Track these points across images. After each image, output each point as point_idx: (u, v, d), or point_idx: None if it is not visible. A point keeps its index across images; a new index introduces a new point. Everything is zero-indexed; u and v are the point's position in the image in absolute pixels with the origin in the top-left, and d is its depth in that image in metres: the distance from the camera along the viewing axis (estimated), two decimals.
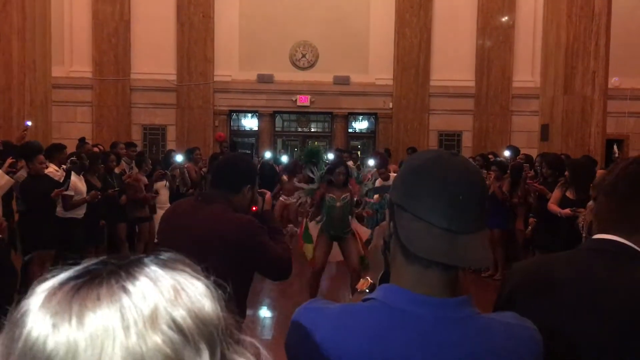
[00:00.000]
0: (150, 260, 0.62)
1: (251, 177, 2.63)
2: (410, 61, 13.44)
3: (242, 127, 14.86)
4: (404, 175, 1.05)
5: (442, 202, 0.97)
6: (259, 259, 2.47)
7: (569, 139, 9.04)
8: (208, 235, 2.38)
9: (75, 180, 6.30)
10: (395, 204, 1.04)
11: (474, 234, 0.99)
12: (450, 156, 1.05)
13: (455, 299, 1.01)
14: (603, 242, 1.34)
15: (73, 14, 13.15)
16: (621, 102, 12.41)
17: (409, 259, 1.01)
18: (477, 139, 13.53)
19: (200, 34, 13.31)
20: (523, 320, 1.06)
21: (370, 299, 1.03)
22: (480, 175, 1.06)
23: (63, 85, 12.49)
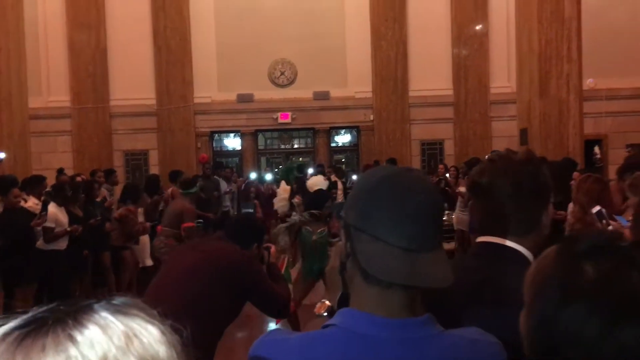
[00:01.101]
0: (101, 306, 0.59)
1: (260, 237, 2.96)
2: (388, 73, 13.55)
3: (224, 147, 14.84)
4: (358, 194, 1.03)
5: (401, 221, 0.95)
6: (254, 289, 2.62)
7: (548, 142, 9.12)
8: (207, 259, 2.59)
9: (56, 212, 6.23)
10: (351, 225, 1.01)
11: (434, 251, 0.97)
12: (405, 173, 1.03)
13: (417, 319, 0.99)
14: (490, 247, 1.35)
15: (49, 44, 13.10)
16: (598, 102, 12.58)
17: (368, 280, 0.98)
18: (458, 146, 13.63)
19: (177, 57, 13.32)
20: (486, 335, 1.04)
21: (330, 325, 1.00)
22: (436, 192, 1.05)
23: (42, 116, 12.41)
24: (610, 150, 13.27)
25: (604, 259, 0.76)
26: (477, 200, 1.40)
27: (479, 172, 1.37)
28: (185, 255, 2.72)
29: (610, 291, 0.72)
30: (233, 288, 2.52)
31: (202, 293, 2.45)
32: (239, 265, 2.57)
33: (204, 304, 2.44)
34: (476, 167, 1.41)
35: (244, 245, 2.73)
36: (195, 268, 2.54)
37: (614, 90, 13.09)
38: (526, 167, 1.35)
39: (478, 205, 1.39)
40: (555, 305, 0.75)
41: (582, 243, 0.79)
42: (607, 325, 0.70)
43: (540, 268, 0.84)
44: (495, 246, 1.34)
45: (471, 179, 1.41)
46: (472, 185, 1.40)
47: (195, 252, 2.68)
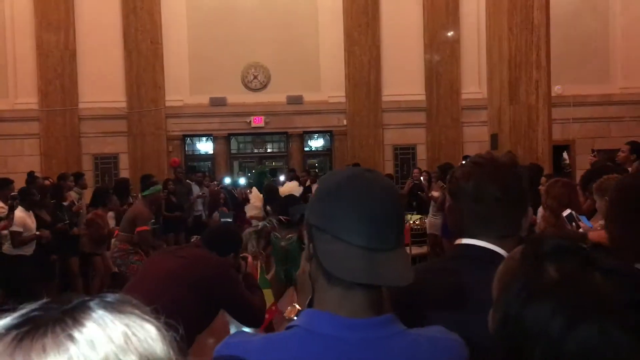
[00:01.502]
0: (96, 303, 0.58)
1: (237, 246, 2.99)
2: (361, 78, 13.62)
3: (197, 151, 14.70)
4: (319, 195, 1.04)
5: (360, 220, 0.97)
6: (228, 297, 2.64)
7: (518, 147, 9.27)
8: (184, 265, 2.59)
9: (24, 216, 6.09)
10: (312, 225, 1.02)
11: (393, 251, 0.98)
12: (365, 173, 1.04)
13: (379, 318, 1.00)
14: (471, 249, 1.36)
15: (16, 45, 12.81)
16: (565, 108, 12.86)
17: (330, 281, 0.99)
18: (431, 151, 13.77)
19: (148, 61, 13.15)
20: (448, 333, 1.05)
21: (293, 326, 1.00)
22: (396, 192, 1.06)
23: (8, 119, 12.14)
24: (577, 156, 13.55)
25: (567, 260, 0.79)
26: (458, 203, 1.39)
27: (464, 175, 1.37)
28: (161, 261, 2.71)
29: (572, 291, 0.75)
30: (207, 296, 2.53)
31: (175, 299, 2.43)
32: (214, 273, 2.58)
33: (176, 310, 2.39)
34: (458, 170, 1.41)
35: (221, 253, 2.75)
36: (170, 274, 2.53)
37: (581, 97, 13.41)
38: (512, 171, 1.38)
39: (459, 208, 1.38)
40: (520, 304, 0.77)
41: (545, 244, 0.82)
42: (570, 323, 0.73)
43: (507, 268, 0.88)
44: (476, 248, 1.35)
45: (454, 181, 1.41)
46: (455, 188, 1.40)
47: (172, 258, 2.67)
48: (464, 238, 1.39)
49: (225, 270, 2.69)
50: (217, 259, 2.69)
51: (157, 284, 2.51)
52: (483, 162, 1.39)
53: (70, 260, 7.12)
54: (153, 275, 2.58)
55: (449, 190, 1.45)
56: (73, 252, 7.12)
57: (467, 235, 1.38)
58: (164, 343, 0.59)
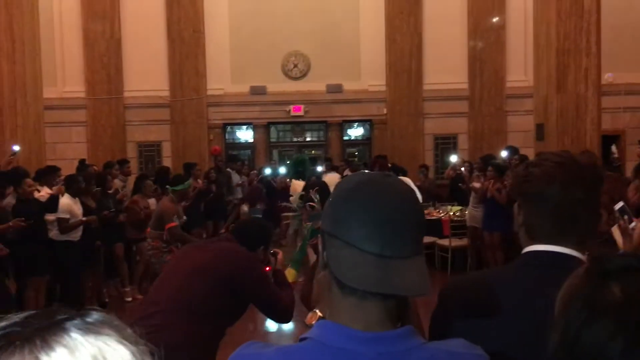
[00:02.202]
0: (73, 324, 0.57)
1: (266, 240, 2.95)
2: (402, 66, 13.43)
3: (237, 139, 14.83)
4: (333, 200, 1.00)
5: (373, 226, 0.92)
6: (256, 291, 2.61)
7: (565, 138, 8.98)
8: (213, 259, 2.58)
9: (70, 203, 6.25)
10: (325, 231, 0.98)
11: (410, 259, 0.93)
12: (381, 178, 1.00)
13: (396, 331, 0.95)
14: (543, 255, 1.29)
15: (64, 34, 13.15)
16: (616, 97, 12.38)
17: (343, 290, 0.95)
18: (473, 141, 13.50)
19: (191, 49, 13.30)
20: (472, 347, 1.00)
21: (306, 338, 0.97)
22: (414, 197, 1.00)
23: (57, 106, 12.46)
24: (628, 147, 13.06)
25: (632, 279, 0.76)
26: (534, 206, 1.31)
27: (546, 176, 1.28)
28: (190, 255, 2.71)
29: (634, 312, 0.72)
30: (235, 290, 2.53)
31: (205, 293, 2.46)
32: (242, 268, 2.58)
33: (205, 304, 2.45)
34: (536, 170, 1.30)
35: (250, 246, 2.75)
36: (199, 268, 2.54)
37: (632, 85, 12.87)
38: (594, 172, 1.32)
39: (534, 210, 1.30)
40: (580, 324, 0.74)
41: (612, 263, 0.79)
42: (630, 345, 0.70)
43: (570, 286, 0.83)
44: (558, 256, 1.27)
45: (532, 182, 1.31)
46: (533, 190, 1.30)
47: (201, 252, 2.68)
48: (539, 244, 1.30)
49: (253, 265, 2.67)
50: (245, 254, 2.68)
51: (185, 278, 2.52)
52: (566, 163, 1.30)
53: (115, 246, 7.30)
54: (181, 270, 2.59)
55: (521, 191, 1.34)
56: (118, 239, 7.30)
57: (543, 240, 1.30)
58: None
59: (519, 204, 1.36)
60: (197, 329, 2.43)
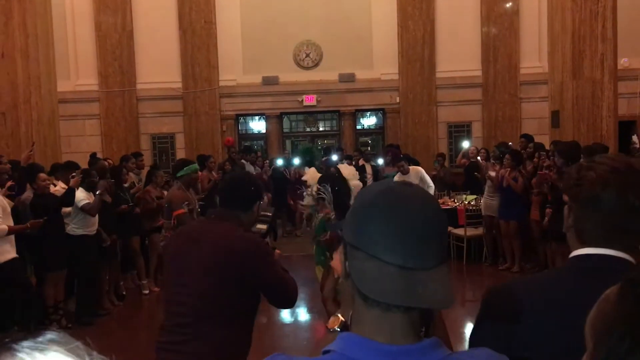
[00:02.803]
0: (22, 345, 0.59)
1: (260, 194, 2.75)
2: (415, 54, 13.32)
3: (249, 130, 14.83)
4: (354, 211, 0.98)
5: (395, 238, 0.91)
6: (265, 278, 2.46)
7: (581, 125, 8.88)
8: (216, 251, 2.41)
9: (84, 197, 6.29)
10: (347, 242, 0.97)
11: (433, 270, 0.91)
12: (402, 187, 0.98)
13: (420, 345, 0.94)
14: (594, 258, 1.26)
15: (76, 28, 13.19)
16: (632, 82, 12.21)
17: (367, 302, 0.94)
18: (487, 128, 13.39)
19: (202, 40, 13.29)
20: (497, 357, 0.99)
21: (330, 350, 0.96)
22: (436, 205, 0.99)
23: (71, 100, 12.54)
24: None
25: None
26: (586, 210, 1.28)
27: (602, 181, 1.25)
28: (188, 251, 2.47)
29: None
30: (249, 282, 2.43)
31: (222, 292, 2.37)
32: (251, 260, 2.41)
33: (227, 299, 2.38)
34: (589, 174, 1.27)
35: (245, 208, 2.58)
36: (207, 269, 2.38)
37: None
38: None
39: (588, 215, 1.27)
40: (623, 353, 0.70)
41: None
42: None
43: (603, 312, 0.78)
44: (608, 259, 1.25)
45: (585, 187, 1.28)
46: (587, 195, 1.28)
47: (199, 248, 2.44)
48: (590, 247, 1.28)
49: (260, 252, 2.48)
50: (248, 240, 2.48)
51: (196, 282, 2.39)
52: (622, 169, 1.28)
53: (132, 239, 7.36)
54: (189, 272, 2.42)
55: (572, 194, 1.31)
56: (134, 232, 7.35)
57: (593, 243, 1.28)
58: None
59: (569, 206, 1.34)
60: (227, 332, 2.38)
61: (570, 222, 1.33)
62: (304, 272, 8.59)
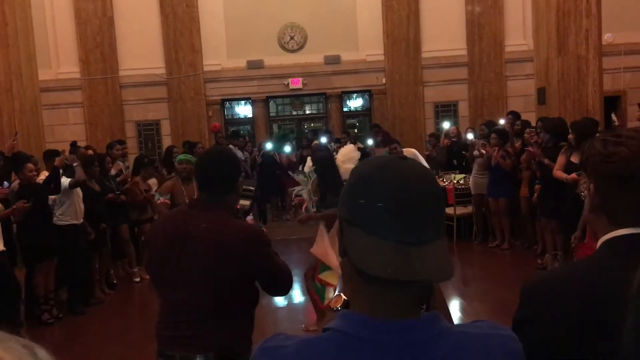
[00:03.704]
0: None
1: (239, 169, 2.60)
2: (400, 34, 13.26)
3: (236, 115, 14.73)
4: (350, 187, 0.96)
5: (391, 213, 0.88)
6: (264, 268, 2.40)
7: (567, 101, 8.92)
8: (215, 247, 2.30)
9: (66, 181, 6.20)
10: (343, 219, 0.95)
11: (431, 244, 0.90)
12: (397, 161, 0.95)
13: (419, 320, 0.93)
14: (634, 239, 1.17)
15: (55, 15, 12.94)
16: (616, 58, 12.26)
17: (364, 279, 0.92)
18: (473, 107, 13.42)
19: (185, 25, 13.11)
20: (499, 328, 0.99)
21: (330, 329, 0.94)
22: (433, 179, 0.96)
23: (53, 88, 12.34)
24: (629, 107, 12.98)
25: None
26: (620, 189, 1.21)
27: (636, 158, 1.19)
28: (182, 248, 2.35)
29: None
30: (249, 272, 2.38)
31: (225, 287, 2.32)
32: (251, 251, 2.34)
33: (230, 293, 2.34)
34: (622, 150, 1.20)
35: (228, 188, 2.44)
36: (207, 267, 2.31)
37: (632, 45, 12.74)
38: None
39: (622, 194, 1.20)
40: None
41: None
42: None
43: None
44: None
45: (621, 166, 1.20)
46: (622, 173, 1.20)
47: (195, 244, 2.32)
48: (626, 228, 1.21)
49: (259, 242, 2.39)
50: (247, 230, 2.40)
51: (198, 281, 2.32)
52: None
53: (120, 227, 7.31)
54: (187, 269, 2.34)
55: (601, 171, 1.22)
56: (123, 220, 7.30)
57: (630, 223, 1.20)
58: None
59: (596, 186, 1.25)
60: (233, 323, 2.38)
61: (597, 201, 1.24)
62: (295, 255, 8.62)
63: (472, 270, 7.65)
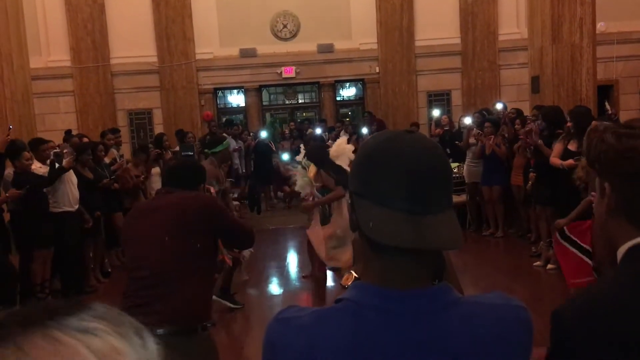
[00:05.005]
0: (64, 324, 0.51)
1: (204, 176, 3.01)
2: (393, 23, 13.21)
3: (228, 104, 14.64)
4: (359, 160, 0.98)
5: (401, 183, 0.90)
6: (223, 224, 2.72)
7: (560, 89, 8.93)
8: (172, 211, 2.62)
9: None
10: (354, 192, 0.97)
11: (440, 214, 0.91)
12: (405, 134, 0.97)
13: (431, 289, 0.95)
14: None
15: (45, 2, 12.75)
16: (609, 47, 12.28)
17: (375, 250, 0.94)
18: (466, 96, 13.42)
19: (177, 12, 12.98)
20: (509, 299, 1.00)
21: (342, 299, 0.97)
22: (440, 151, 0.98)
23: (43, 76, 12.19)
24: (621, 96, 13.05)
25: None
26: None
27: None
28: (145, 221, 2.68)
29: None
30: (208, 230, 2.65)
31: (183, 248, 2.56)
32: (205, 209, 2.66)
33: (188, 255, 2.57)
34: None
35: (191, 188, 2.81)
36: (166, 229, 2.56)
37: (625, 34, 12.77)
38: None
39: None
40: None
41: None
42: None
43: None
44: None
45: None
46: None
47: (159, 214, 2.64)
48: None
49: (211, 202, 2.81)
50: (198, 195, 2.76)
51: (162, 243, 2.55)
52: None
53: (114, 215, 7.26)
54: (154, 237, 2.58)
55: (619, 169, 1.08)
56: (116, 208, 7.26)
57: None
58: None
59: (611, 184, 1.10)
60: (189, 289, 2.54)
61: (615, 203, 1.09)
62: (291, 243, 8.63)
63: (466, 258, 7.67)
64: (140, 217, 2.75)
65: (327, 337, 0.92)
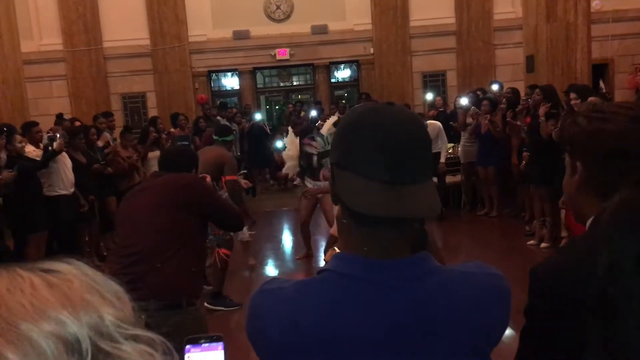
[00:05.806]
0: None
1: (197, 162, 3.14)
2: (387, 3, 13.10)
3: (222, 87, 14.56)
4: (340, 132, 0.99)
5: (380, 154, 0.91)
6: (207, 203, 2.84)
7: (555, 68, 8.90)
8: (159, 190, 2.75)
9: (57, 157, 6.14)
10: (334, 163, 0.98)
11: (420, 184, 0.93)
12: (385, 107, 0.98)
13: (412, 258, 0.97)
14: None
15: None
16: (604, 25, 12.23)
17: (357, 221, 0.95)
18: (461, 77, 13.36)
19: None
20: (486, 267, 1.02)
21: (325, 270, 0.99)
22: (420, 122, 0.99)
23: (35, 61, 12.09)
24: (616, 75, 13.02)
25: None
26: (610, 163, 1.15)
27: (621, 134, 1.14)
28: (137, 199, 2.81)
29: None
30: (193, 208, 2.74)
31: (174, 222, 2.66)
32: (189, 186, 2.78)
33: (177, 228, 2.66)
34: (611, 127, 1.15)
35: (184, 171, 2.93)
36: (159, 205, 2.68)
37: (620, 12, 12.70)
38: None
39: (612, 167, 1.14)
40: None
41: None
42: None
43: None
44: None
45: (609, 142, 1.15)
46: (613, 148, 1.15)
47: (148, 193, 2.78)
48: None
49: (200, 182, 2.93)
50: (189, 175, 2.89)
51: (151, 220, 2.65)
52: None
53: (107, 199, 7.25)
54: (143, 215, 2.69)
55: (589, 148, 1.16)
56: (110, 192, 7.25)
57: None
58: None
59: (582, 163, 1.19)
60: (182, 257, 2.64)
61: (585, 179, 1.18)
62: (286, 225, 8.65)
63: (460, 238, 7.72)
64: (131, 199, 2.88)
65: (310, 307, 0.94)
